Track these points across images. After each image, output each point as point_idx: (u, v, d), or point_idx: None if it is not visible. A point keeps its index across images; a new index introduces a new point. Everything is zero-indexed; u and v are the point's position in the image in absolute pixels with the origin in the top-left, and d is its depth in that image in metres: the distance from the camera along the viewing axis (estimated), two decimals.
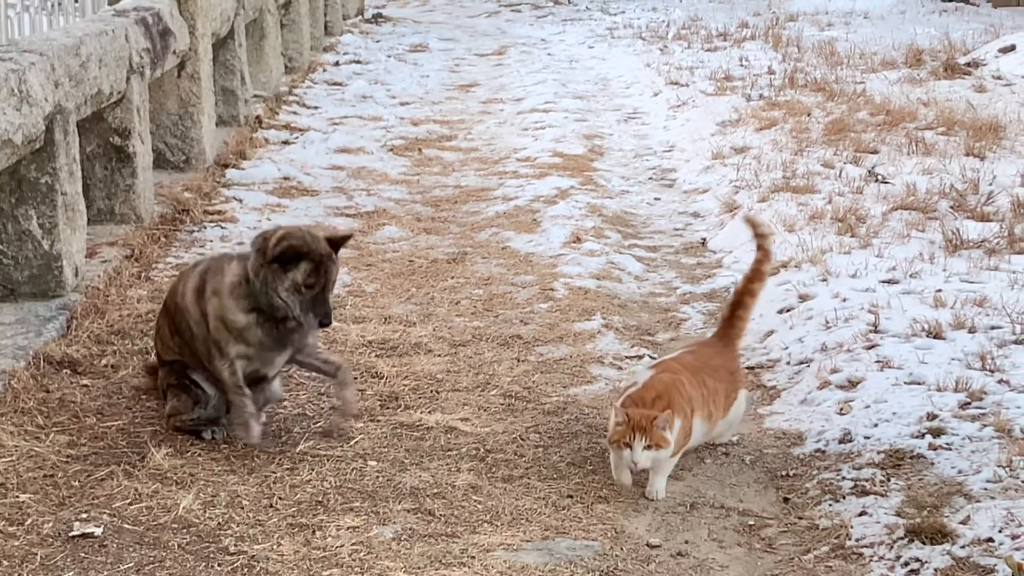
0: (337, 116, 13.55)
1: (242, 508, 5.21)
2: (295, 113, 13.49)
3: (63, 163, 7.10)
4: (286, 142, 12.03)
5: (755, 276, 6.03)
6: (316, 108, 13.90)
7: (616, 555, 5.00)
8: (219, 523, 5.09)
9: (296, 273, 5.52)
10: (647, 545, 5.09)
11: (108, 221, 8.55)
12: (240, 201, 9.78)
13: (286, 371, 6.25)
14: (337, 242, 5.69)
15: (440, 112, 14.25)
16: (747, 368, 6.68)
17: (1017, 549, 4.58)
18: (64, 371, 6.42)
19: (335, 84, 15.42)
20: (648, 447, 5.25)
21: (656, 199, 10.70)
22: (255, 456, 5.67)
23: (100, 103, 8.06)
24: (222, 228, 9.05)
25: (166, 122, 10.12)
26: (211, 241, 8.76)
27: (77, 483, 5.38)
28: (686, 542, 5.12)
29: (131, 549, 4.87)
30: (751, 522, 5.28)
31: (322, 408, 6.21)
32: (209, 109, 10.59)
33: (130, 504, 5.20)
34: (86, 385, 6.32)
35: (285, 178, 10.57)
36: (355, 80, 15.65)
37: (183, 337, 5.85)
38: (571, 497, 5.41)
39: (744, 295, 6.03)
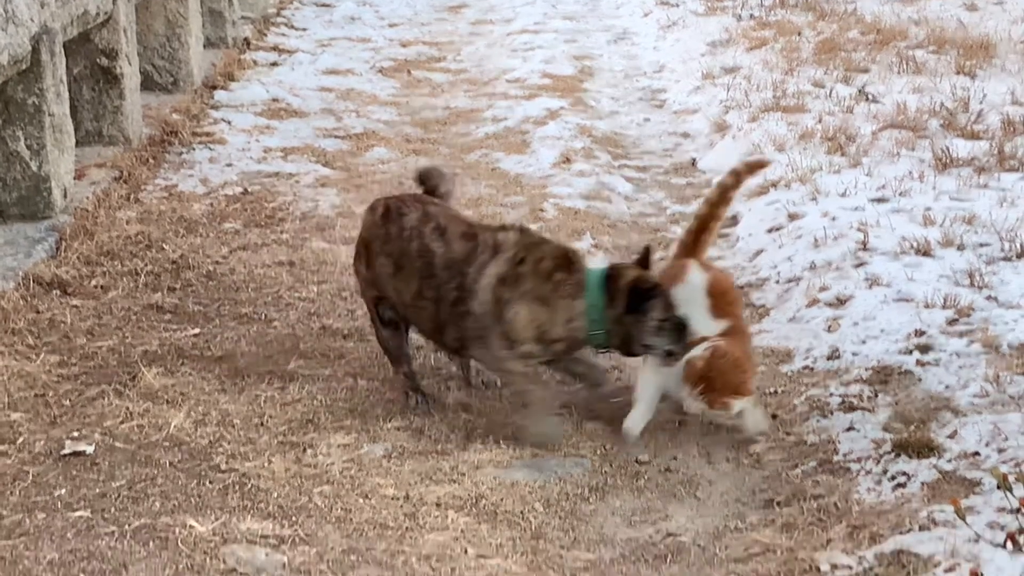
0: (325, 38, 13.47)
1: (233, 427, 5.23)
2: (283, 35, 13.42)
3: (50, 84, 7.06)
4: (274, 64, 11.97)
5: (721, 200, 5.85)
6: (304, 30, 13.83)
7: (605, 471, 5.03)
8: (210, 441, 5.11)
9: (654, 314, 5.19)
10: (636, 461, 5.12)
11: (96, 143, 8.51)
12: (229, 123, 9.75)
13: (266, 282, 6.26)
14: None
15: (429, 33, 14.17)
16: (738, 287, 6.68)
17: (1004, 463, 4.61)
18: (54, 292, 6.42)
19: (323, 5, 15.33)
20: None
21: (646, 119, 10.67)
22: (245, 376, 5.68)
23: (87, 24, 8.00)
24: (211, 150, 9.03)
25: (153, 44, 10.06)
26: (200, 163, 8.73)
27: (68, 402, 5.39)
28: (674, 458, 5.15)
29: (123, 467, 4.89)
30: (740, 438, 5.31)
31: (312, 328, 6.21)
32: (196, 31, 10.52)
33: (121, 423, 5.21)
34: (76, 306, 6.33)
35: (274, 100, 10.53)
36: (344, 1, 15.55)
37: (435, 302, 5.40)
38: (560, 415, 5.43)
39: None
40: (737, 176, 5.81)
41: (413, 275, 5.35)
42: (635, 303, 5.15)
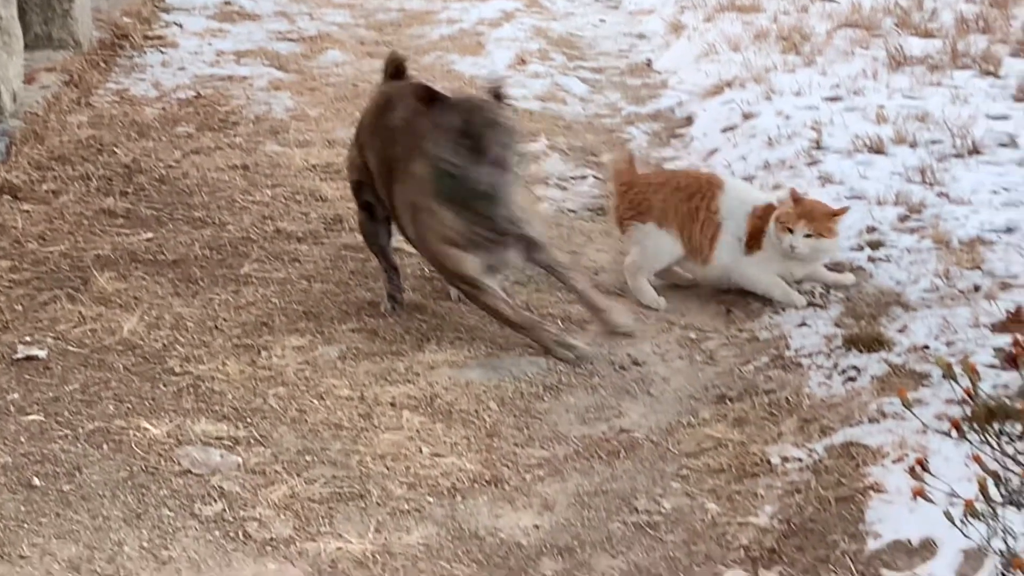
0: None
1: (187, 330, 5.22)
2: None
3: None
4: None
5: None
6: None
7: (560, 370, 5.05)
8: (164, 345, 5.10)
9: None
10: (591, 360, 5.14)
11: (46, 47, 8.41)
12: (180, 26, 9.65)
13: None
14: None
15: None
16: None
17: (952, 355, 4.65)
18: (4, 197, 6.37)
19: None
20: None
21: (601, 21, 10.62)
22: (199, 280, 5.67)
23: None
24: (162, 53, 8.94)
25: None
26: (151, 67, 8.65)
27: (20, 307, 5.36)
28: (628, 355, 5.17)
29: (76, 371, 4.88)
30: (692, 335, 5.34)
31: (266, 231, 6.19)
32: None
33: (74, 327, 5.20)
34: (27, 211, 6.28)
35: (226, 2, 10.43)
36: None
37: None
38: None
39: None
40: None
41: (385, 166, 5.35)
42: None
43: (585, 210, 6.60)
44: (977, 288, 5.20)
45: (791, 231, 5.33)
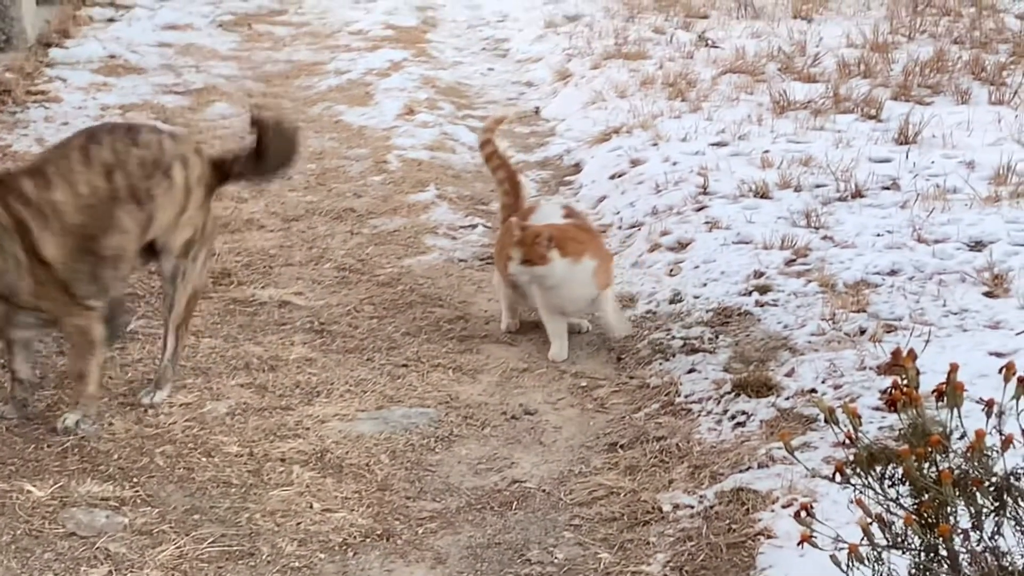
0: None
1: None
2: None
3: None
4: (111, 20, 11.76)
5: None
6: None
7: (451, 421, 5.03)
8: (48, 404, 5.01)
9: None
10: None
11: None
12: (64, 81, 9.55)
13: None
14: None
15: None
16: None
17: (839, 398, 4.69)
18: None
19: None
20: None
21: (490, 69, 10.66)
22: None
23: None
24: (46, 108, 8.84)
25: None
26: (35, 122, 8.55)
27: None
28: (520, 405, 5.16)
29: None
30: (584, 383, 5.35)
31: (153, 287, 6.12)
32: None
33: None
34: None
35: (111, 56, 10.34)
36: None
37: None
38: (405, 367, 5.43)
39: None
40: (488, 136, 6.16)
41: None
42: None
43: (475, 259, 6.60)
44: (862, 331, 5.26)
45: (511, 258, 5.42)
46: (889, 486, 2.88)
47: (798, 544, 2.93)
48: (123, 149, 4.80)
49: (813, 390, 4.85)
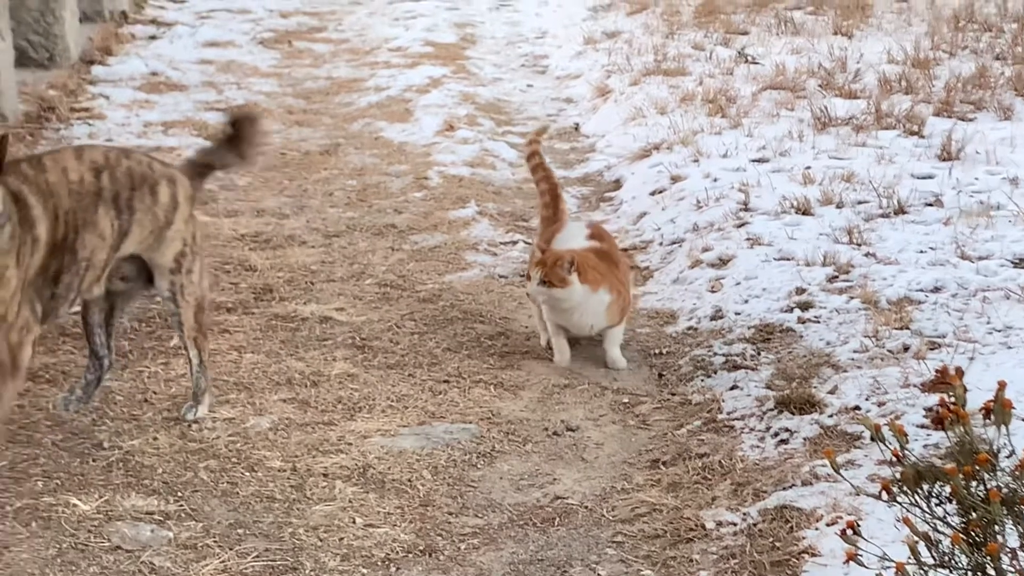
0: (205, 10, 13.33)
1: (116, 404, 5.16)
2: (162, 7, 13.26)
3: None
4: (153, 37, 11.83)
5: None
6: (183, 2, 13.68)
7: (493, 437, 5.03)
8: (93, 420, 5.04)
9: None
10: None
11: None
12: (107, 98, 9.62)
13: None
14: None
15: (310, 4, 14.08)
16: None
17: (883, 416, 4.67)
18: None
19: None
20: None
21: (529, 86, 10.68)
22: (128, 352, 5.62)
23: None
24: (89, 125, 8.90)
25: (27, 18, 9.88)
26: (78, 139, 8.61)
27: None
28: (562, 421, 5.16)
29: (3, 447, 4.80)
30: (626, 400, 5.34)
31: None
32: (72, 5, 10.35)
33: None
34: None
35: (153, 74, 10.41)
36: None
37: None
38: (447, 382, 5.44)
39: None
40: (534, 147, 6.13)
41: None
42: None
43: (516, 275, 6.61)
44: (906, 348, 5.24)
45: (531, 278, 5.49)
46: (936, 504, 2.87)
47: (844, 563, 2.92)
48: (115, 157, 4.86)
49: (857, 407, 4.83)
